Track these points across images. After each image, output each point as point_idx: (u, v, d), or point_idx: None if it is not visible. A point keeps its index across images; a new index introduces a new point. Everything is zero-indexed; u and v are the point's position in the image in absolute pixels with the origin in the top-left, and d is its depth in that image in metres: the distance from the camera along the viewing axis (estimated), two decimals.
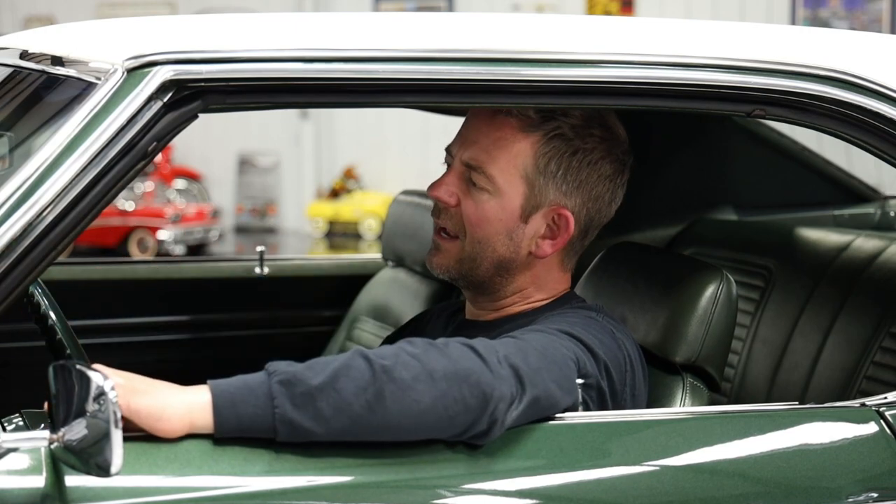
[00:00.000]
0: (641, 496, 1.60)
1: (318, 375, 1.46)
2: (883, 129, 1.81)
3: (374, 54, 1.62)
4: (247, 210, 12.73)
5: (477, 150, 1.83)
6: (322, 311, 3.09)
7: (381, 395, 1.46)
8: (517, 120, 1.82)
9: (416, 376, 1.48)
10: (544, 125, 1.82)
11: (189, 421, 1.45)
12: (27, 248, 1.46)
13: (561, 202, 1.84)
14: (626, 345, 1.80)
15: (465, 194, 1.85)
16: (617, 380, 1.75)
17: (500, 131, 1.82)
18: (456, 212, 1.85)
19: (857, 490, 1.68)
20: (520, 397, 1.56)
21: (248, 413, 1.45)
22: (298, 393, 1.45)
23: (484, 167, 1.82)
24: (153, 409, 1.44)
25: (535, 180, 1.83)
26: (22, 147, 1.74)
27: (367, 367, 1.48)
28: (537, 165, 1.82)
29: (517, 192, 1.83)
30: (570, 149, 1.83)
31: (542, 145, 1.82)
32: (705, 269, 1.92)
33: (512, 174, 1.82)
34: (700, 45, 1.78)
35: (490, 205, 1.83)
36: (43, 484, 1.40)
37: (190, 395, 1.46)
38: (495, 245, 1.84)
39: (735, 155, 2.95)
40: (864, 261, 2.43)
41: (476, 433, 1.53)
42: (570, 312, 1.83)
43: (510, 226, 1.84)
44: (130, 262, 3.30)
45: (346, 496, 1.49)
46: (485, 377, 1.52)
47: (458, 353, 1.54)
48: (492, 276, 1.86)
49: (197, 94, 1.55)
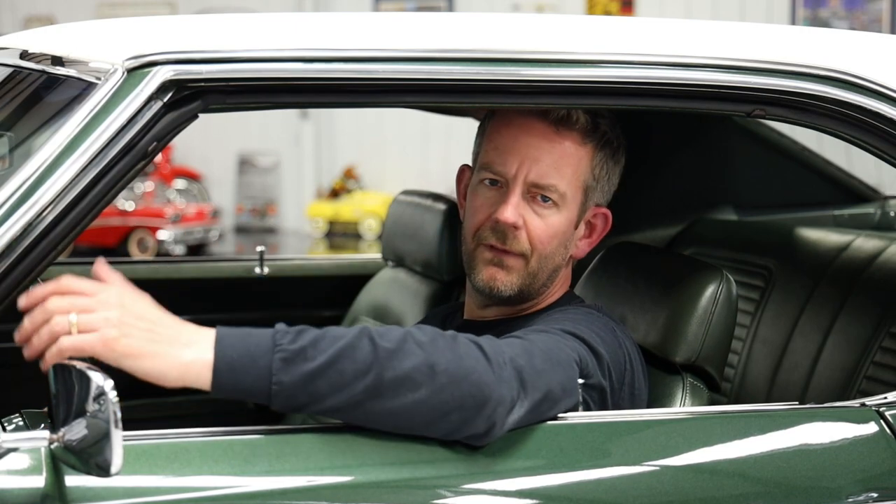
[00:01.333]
0: (641, 496, 1.60)
1: (321, 354, 1.45)
2: (883, 129, 1.81)
3: (374, 54, 1.62)
4: (247, 210, 12.73)
5: (545, 168, 1.80)
6: (322, 311, 3.09)
7: (379, 381, 1.46)
8: (577, 132, 1.81)
9: (416, 367, 1.48)
10: (596, 132, 1.82)
11: (193, 374, 1.42)
12: (27, 248, 1.46)
13: (601, 201, 1.88)
14: (626, 343, 1.80)
15: (530, 213, 1.81)
16: (616, 378, 1.75)
17: (562, 145, 1.81)
18: (520, 234, 1.81)
19: (857, 490, 1.68)
20: (521, 401, 1.55)
21: (247, 383, 1.44)
22: (298, 372, 1.44)
23: (556, 184, 1.80)
24: (151, 374, 1.41)
25: (591, 187, 1.84)
26: (22, 147, 1.74)
27: (370, 350, 1.47)
28: (594, 173, 1.84)
29: (577, 201, 1.84)
30: (613, 151, 1.85)
31: (596, 152, 1.83)
32: (705, 269, 1.92)
33: (576, 186, 1.83)
34: (700, 45, 1.78)
35: (556, 219, 1.82)
36: (43, 484, 1.40)
37: (192, 351, 1.43)
38: (556, 257, 1.84)
39: (735, 155, 2.94)
40: (864, 261, 2.42)
41: (472, 434, 1.52)
42: (571, 310, 1.83)
43: (569, 235, 1.85)
44: (130, 262, 3.30)
45: (346, 496, 1.49)
46: (486, 378, 1.51)
47: (464, 349, 1.53)
48: (540, 287, 1.85)
49: (197, 94, 1.55)
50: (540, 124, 1.81)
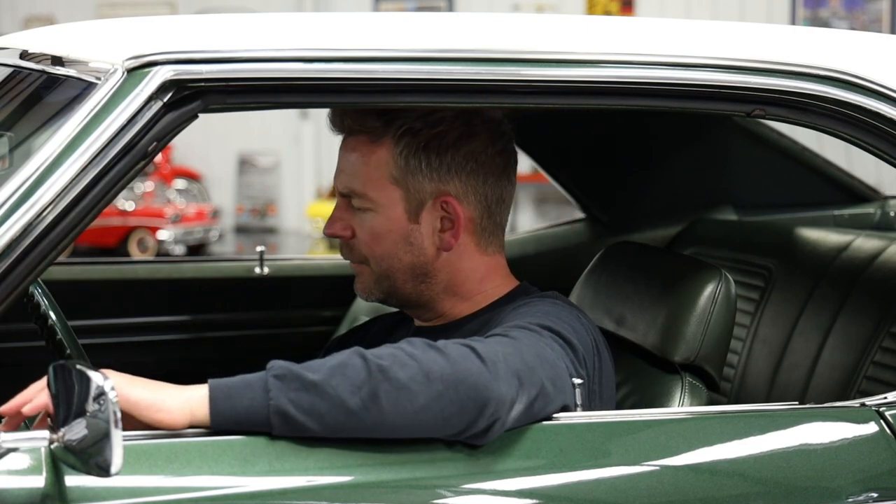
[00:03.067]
0: (641, 496, 1.60)
1: (315, 373, 1.48)
2: (883, 129, 1.81)
3: (374, 54, 1.62)
4: (247, 210, 12.73)
5: (345, 177, 1.87)
6: (322, 311, 3.09)
7: (376, 393, 1.47)
8: (365, 134, 1.84)
9: (412, 376, 1.49)
10: (390, 127, 1.83)
11: (189, 411, 1.47)
12: (27, 248, 1.46)
13: (441, 190, 1.85)
14: (591, 330, 1.82)
15: (355, 222, 1.87)
16: (589, 366, 1.77)
17: (356, 150, 1.85)
18: (354, 243, 1.88)
19: (857, 490, 1.68)
20: (519, 398, 1.56)
21: (244, 405, 1.47)
22: (294, 387, 1.47)
23: (356, 189, 1.85)
24: (152, 400, 1.46)
25: (406, 180, 1.84)
26: (22, 147, 1.74)
27: (363, 365, 1.49)
28: (399, 166, 1.84)
29: (395, 198, 1.84)
30: (423, 139, 1.84)
31: (395, 146, 1.83)
32: (704, 269, 1.92)
33: (382, 184, 1.84)
34: (700, 45, 1.78)
35: (376, 221, 1.85)
36: (43, 484, 1.40)
37: (189, 390, 1.49)
38: (400, 255, 1.86)
39: (735, 155, 2.95)
40: (864, 261, 2.42)
41: (474, 433, 1.53)
42: (535, 302, 1.83)
43: (404, 232, 1.85)
44: (130, 262, 3.30)
45: (346, 496, 1.49)
46: (483, 378, 1.52)
47: (456, 353, 1.54)
48: (415, 286, 1.87)
49: (197, 94, 1.55)
50: (345, 138, 1.89)
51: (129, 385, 1.47)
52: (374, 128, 1.83)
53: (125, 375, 1.49)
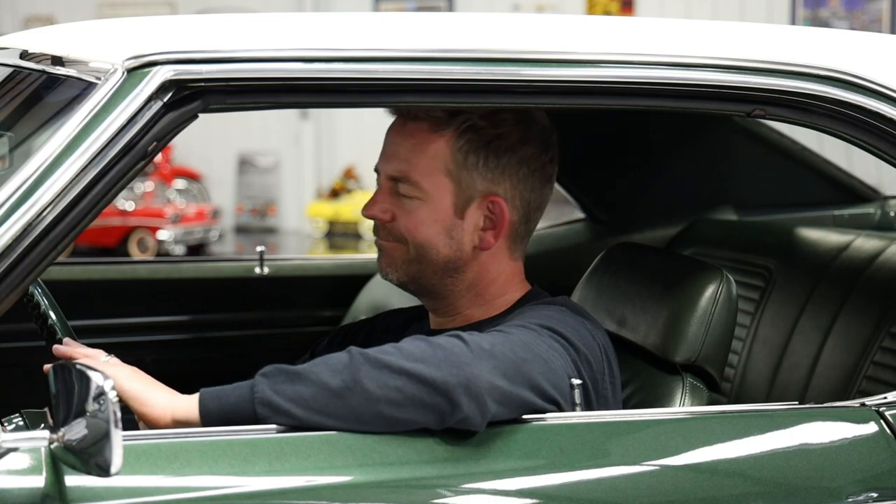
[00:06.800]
0: (641, 496, 1.60)
1: (299, 368, 1.56)
2: (883, 129, 1.81)
3: (374, 54, 1.62)
4: (247, 210, 12.73)
5: (397, 162, 1.86)
6: (322, 311, 3.09)
7: (357, 373, 1.53)
8: (427, 122, 1.84)
9: (392, 360, 1.55)
10: (454, 120, 1.83)
11: (171, 410, 1.56)
12: (27, 248, 1.46)
13: (491, 191, 1.86)
14: (597, 335, 1.82)
15: (399, 207, 1.86)
16: (596, 369, 1.77)
17: (414, 137, 1.85)
18: (393, 226, 1.87)
19: (857, 490, 1.68)
20: (504, 385, 1.58)
21: (231, 401, 1.55)
22: (279, 380, 1.54)
23: (407, 176, 1.84)
24: (140, 393, 1.57)
25: (460, 175, 1.84)
26: (22, 147, 1.74)
27: (345, 354, 1.57)
28: (457, 160, 1.84)
29: (445, 191, 1.84)
30: (485, 137, 1.84)
31: (456, 140, 1.83)
32: (705, 270, 1.93)
33: (435, 175, 1.84)
34: (700, 45, 1.78)
35: (422, 210, 1.85)
36: (43, 484, 1.40)
37: (180, 395, 1.59)
38: (438, 246, 1.86)
39: (735, 155, 2.95)
40: (864, 261, 2.43)
41: (462, 417, 1.54)
42: (541, 307, 1.84)
43: (447, 225, 1.85)
44: (130, 262, 3.30)
45: (346, 496, 1.49)
46: (464, 358, 1.56)
47: (441, 340, 1.59)
48: (441, 279, 1.88)
49: (197, 94, 1.55)
50: (398, 121, 1.88)
51: (129, 377, 1.59)
52: (437, 117, 1.83)
53: (132, 369, 1.60)
